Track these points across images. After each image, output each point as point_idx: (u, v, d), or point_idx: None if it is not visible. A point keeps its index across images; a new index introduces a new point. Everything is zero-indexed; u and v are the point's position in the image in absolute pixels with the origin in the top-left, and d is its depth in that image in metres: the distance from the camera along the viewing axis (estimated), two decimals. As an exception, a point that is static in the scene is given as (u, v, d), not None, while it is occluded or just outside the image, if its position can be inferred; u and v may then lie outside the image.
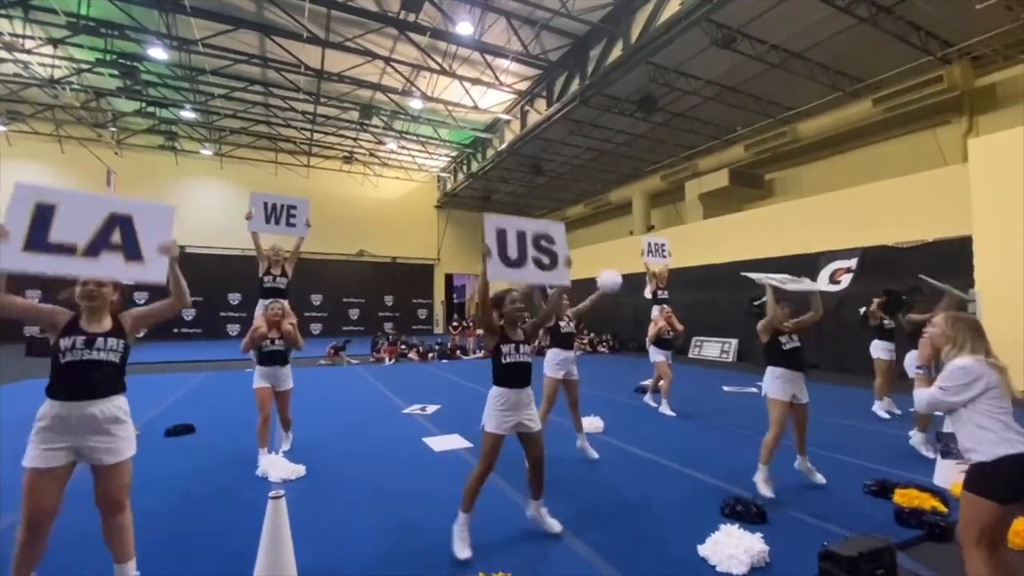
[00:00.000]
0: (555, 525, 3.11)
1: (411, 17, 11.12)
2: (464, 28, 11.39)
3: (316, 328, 22.84)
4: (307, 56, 12.99)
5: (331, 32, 12.00)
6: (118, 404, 2.17)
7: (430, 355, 14.57)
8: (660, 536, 3.11)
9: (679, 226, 17.75)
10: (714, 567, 2.69)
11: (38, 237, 1.97)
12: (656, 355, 7.05)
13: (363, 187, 24.50)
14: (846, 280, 11.27)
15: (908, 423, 5.49)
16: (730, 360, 13.65)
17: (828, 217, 12.09)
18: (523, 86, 14.75)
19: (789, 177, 16.22)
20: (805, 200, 13.41)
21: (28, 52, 12.95)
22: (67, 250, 2.01)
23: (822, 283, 11.53)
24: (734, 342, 13.81)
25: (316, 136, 20.36)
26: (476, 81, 13.96)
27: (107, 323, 2.20)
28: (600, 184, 21.79)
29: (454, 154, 22.17)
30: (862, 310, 6.75)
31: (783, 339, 3.88)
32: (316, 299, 22.86)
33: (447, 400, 7.60)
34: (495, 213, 3.07)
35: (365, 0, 10.93)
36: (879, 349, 6.51)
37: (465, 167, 22.07)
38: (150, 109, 17.64)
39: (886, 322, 6.39)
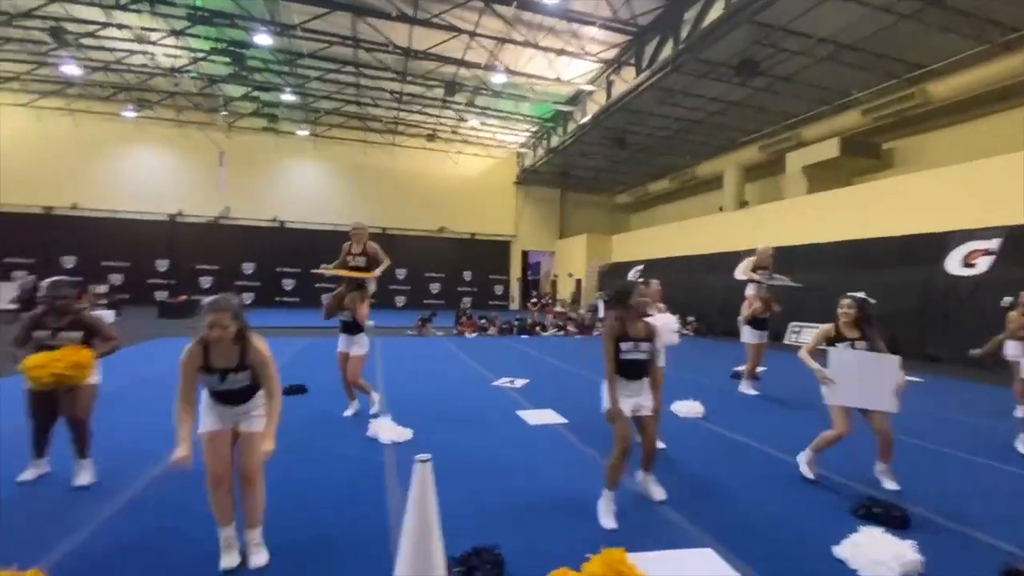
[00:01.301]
0: (659, 492, 3.19)
1: (498, -12, 10.96)
2: (552, -5, 11.05)
3: (400, 301, 24.04)
4: (395, 35, 13.27)
5: (418, 9, 12.13)
6: (256, 403, 2.53)
7: (512, 331, 14.70)
8: (788, 534, 2.89)
9: (778, 201, 16.39)
10: (855, 571, 2.45)
11: None
12: (749, 336, 6.73)
13: (444, 165, 24.98)
14: (983, 263, 9.98)
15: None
16: (832, 348, 12.56)
17: (962, 192, 10.58)
18: (610, 55, 14.13)
19: (912, 146, 14.38)
20: (933, 172, 11.81)
21: (153, 43, 14.33)
22: None
23: (952, 266, 10.26)
24: (837, 329, 12.66)
25: (401, 115, 20.94)
26: (561, 52, 13.56)
27: (234, 356, 2.42)
28: (688, 157, 20.60)
29: (534, 129, 21.92)
30: (1005, 301, 5.94)
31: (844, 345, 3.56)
32: (400, 273, 23.86)
33: (535, 375, 7.62)
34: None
35: (454, -27, 10.93)
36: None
37: (545, 142, 21.77)
38: (255, 93, 19.00)
39: None
